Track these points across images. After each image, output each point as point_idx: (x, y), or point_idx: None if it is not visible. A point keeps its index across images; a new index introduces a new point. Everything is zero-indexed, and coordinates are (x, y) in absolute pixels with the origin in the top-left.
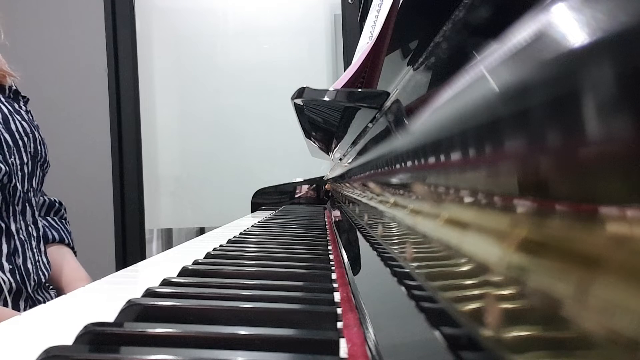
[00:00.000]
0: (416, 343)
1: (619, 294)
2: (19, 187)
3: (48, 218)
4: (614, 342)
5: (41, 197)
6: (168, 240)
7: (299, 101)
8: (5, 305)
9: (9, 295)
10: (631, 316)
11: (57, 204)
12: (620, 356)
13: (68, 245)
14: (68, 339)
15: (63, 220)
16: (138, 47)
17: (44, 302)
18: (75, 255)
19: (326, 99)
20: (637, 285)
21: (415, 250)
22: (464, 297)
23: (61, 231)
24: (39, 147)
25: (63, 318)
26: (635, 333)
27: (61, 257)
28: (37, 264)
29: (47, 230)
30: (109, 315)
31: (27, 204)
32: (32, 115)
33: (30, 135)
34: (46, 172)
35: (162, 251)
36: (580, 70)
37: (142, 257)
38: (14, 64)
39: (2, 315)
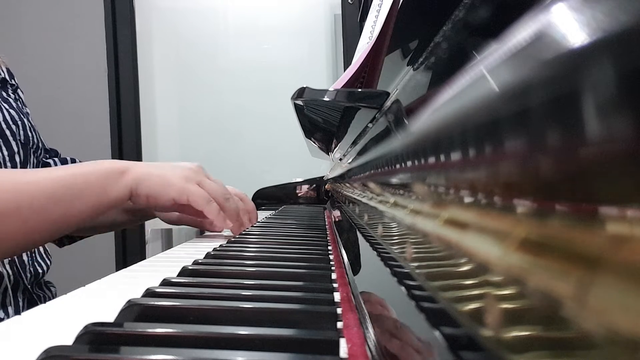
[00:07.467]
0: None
1: (620, 294)
2: None
3: None
4: (614, 342)
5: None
6: (168, 240)
7: (299, 101)
8: (5, 297)
9: (9, 287)
10: (631, 316)
11: (69, 159)
12: (620, 356)
13: None
14: (68, 339)
15: None
16: (138, 47)
17: (43, 299)
18: None
19: (326, 99)
20: (637, 285)
21: (415, 250)
22: (464, 297)
23: None
24: (29, 133)
25: (63, 318)
26: (635, 333)
27: None
28: (33, 255)
29: None
30: (109, 315)
31: None
32: (22, 103)
33: (19, 122)
34: (41, 159)
35: (162, 251)
36: (580, 70)
37: (142, 257)
38: (14, 64)
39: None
